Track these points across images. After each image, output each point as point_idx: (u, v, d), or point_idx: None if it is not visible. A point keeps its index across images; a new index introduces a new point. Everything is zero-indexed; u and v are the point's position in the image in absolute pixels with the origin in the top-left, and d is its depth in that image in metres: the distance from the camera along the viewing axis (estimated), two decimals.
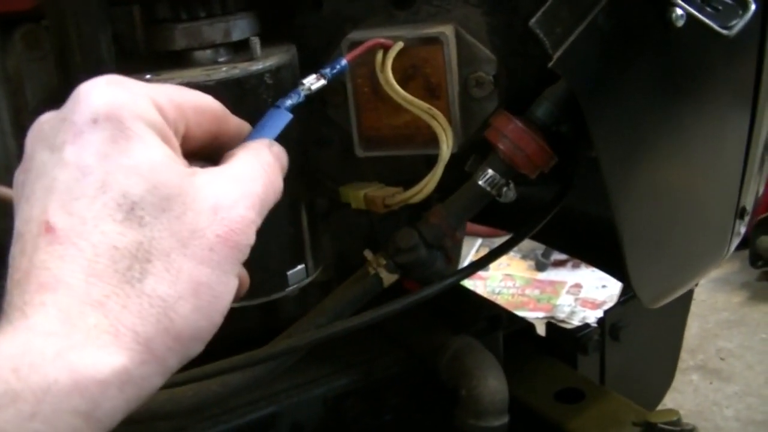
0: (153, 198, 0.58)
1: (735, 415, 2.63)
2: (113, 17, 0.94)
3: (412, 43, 0.95)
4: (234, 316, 1.03)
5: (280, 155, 0.72)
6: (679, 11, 0.88)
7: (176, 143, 0.64)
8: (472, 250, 3.87)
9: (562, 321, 3.25)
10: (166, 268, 0.57)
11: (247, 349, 0.96)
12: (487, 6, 0.98)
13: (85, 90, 0.61)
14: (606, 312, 1.43)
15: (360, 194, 1.02)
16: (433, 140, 0.95)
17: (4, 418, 0.49)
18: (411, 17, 1.00)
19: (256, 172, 0.67)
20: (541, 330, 1.41)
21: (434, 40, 0.94)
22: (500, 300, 3.42)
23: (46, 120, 0.62)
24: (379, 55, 0.94)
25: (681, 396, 2.65)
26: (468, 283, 1.10)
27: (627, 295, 1.45)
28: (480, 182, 0.97)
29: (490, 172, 0.96)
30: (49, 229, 0.56)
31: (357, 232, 1.25)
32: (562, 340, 1.41)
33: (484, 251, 3.90)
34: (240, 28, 0.97)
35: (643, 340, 1.52)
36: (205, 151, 0.69)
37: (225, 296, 0.61)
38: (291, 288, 1.02)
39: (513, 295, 3.62)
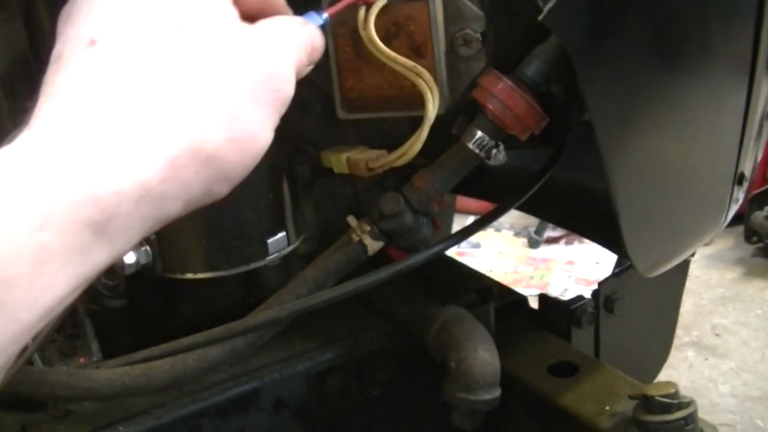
0: (203, 27, 0.59)
1: (731, 392, 2.60)
2: None
3: (395, 0, 0.90)
4: (215, 287, 1.00)
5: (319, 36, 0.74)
6: None
7: None
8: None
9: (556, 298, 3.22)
10: (205, 91, 0.57)
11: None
12: None
13: None
14: (600, 284, 1.39)
15: (342, 158, 0.97)
16: (419, 101, 0.91)
17: (11, 229, 0.46)
18: None
19: (295, 38, 0.68)
20: (534, 304, 1.37)
21: None
22: (493, 277, 3.36)
23: None
24: (361, 12, 0.90)
25: (676, 373, 2.61)
26: (462, 261, 1.06)
27: (621, 267, 1.41)
28: (468, 144, 0.92)
29: (479, 133, 0.92)
30: (92, 42, 0.56)
31: (341, 202, 1.20)
32: (556, 312, 1.37)
33: None
34: None
35: (638, 312, 1.49)
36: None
37: (260, 139, 0.61)
38: (271, 256, 0.98)
39: (506, 273, 3.58)
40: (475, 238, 3.82)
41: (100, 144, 0.51)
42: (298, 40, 0.68)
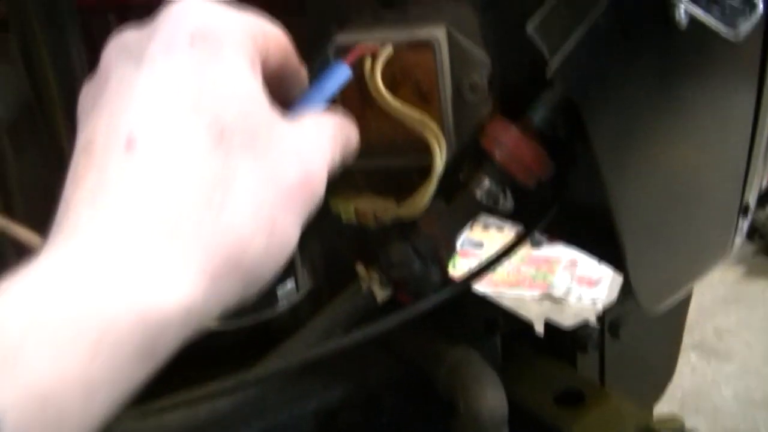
0: (243, 128, 0.56)
1: (734, 395, 2.61)
2: (89, 25, 0.90)
3: (401, 47, 0.90)
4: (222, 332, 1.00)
5: (354, 133, 0.74)
6: (683, 11, 0.83)
7: (261, 75, 0.62)
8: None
9: (559, 299, 3.21)
10: (246, 201, 0.55)
11: (232, 354, 0.93)
12: (480, 3, 0.93)
13: (180, 8, 0.59)
14: (605, 309, 1.39)
15: (350, 207, 0.97)
16: (425, 149, 0.91)
17: (64, 363, 0.44)
18: (400, 16, 0.95)
19: (331, 137, 0.67)
20: (538, 308, 1.37)
21: (425, 44, 0.89)
22: (495, 278, 3.38)
23: (130, 35, 0.60)
24: (368, 61, 0.89)
25: (679, 376, 2.62)
26: (463, 262, 1.06)
27: (626, 291, 1.41)
28: (476, 191, 0.92)
29: (486, 181, 0.92)
30: (130, 142, 0.53)
31: (346, 235, 1.20)
32: (561, 338, 1.37)
33: (477, 228, 3.87)
34: None
35: (643, 334, 1.49)
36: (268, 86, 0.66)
37: (292, 242, 0.60)
38: (281, 305, 0.98)
39: (508, 273, 3.58)
40: (477, 237, 3.82)
41: (144, 262, 0.49)
42: (338, 139, 0.68)
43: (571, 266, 3.51)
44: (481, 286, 1.23)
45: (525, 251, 3.77)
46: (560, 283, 3.40)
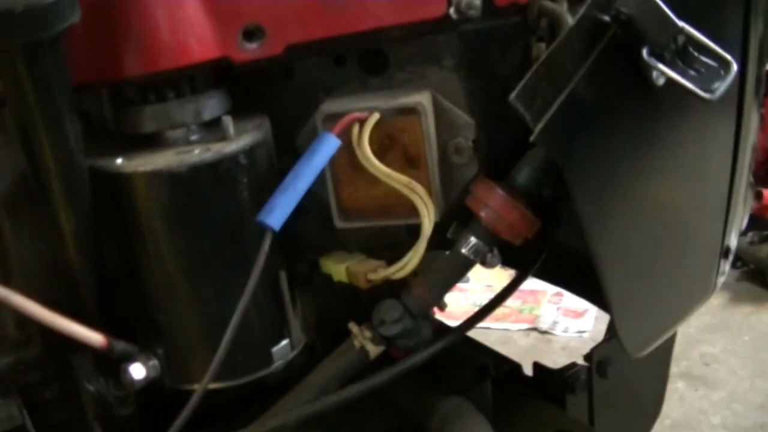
0: None
1: (722, 423, 2.63)
2: (81, 98, 0.92)
3: (388, 114, 0.93)
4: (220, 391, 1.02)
5: None
6: (659, 72, 0.87)
7: None
8: None
9: (545, 332, 3.23)
10: None
11: (230, 411, 0.95)
12: (463, 70, 0.96)
13: None
14: (593, 350, 1.42)
15: (341, 268, 1.00)
16: (413, 210, 0.94)
17: None
18: (385, 83, 0.98)
19: None
20: (525, 341, 1.40)
21: (411, 110, 0.93)
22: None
23: None
24: (356, 129, 0.93)
25: (667, 405, 2.63)
26: (450, 297, 1.08)
27: (612, 332, 1.44)
28: (463, 251, 0.95)
29: (473, 240, 0.95)
30: None
31: (338, 291, 1.23)
32: (550, 380, 1.40)
33: None
34: (211, 107, 0.95)
35: (630, 371, 1.51)
36: None
37: None
38: (276, 365, 1.00)
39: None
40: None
41: None
42: None
43: (557, 298, 3.54)
44: None
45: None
46: (546, 315, 3.42)
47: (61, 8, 0.80)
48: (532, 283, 3.68)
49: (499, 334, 3.06)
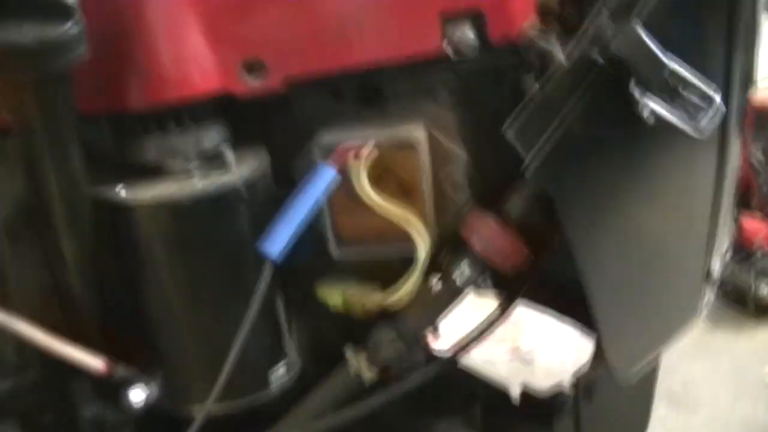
0: None
1: None
2: (82, 126, 0.94)
3: (384, 146, 0.96)
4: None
5: None
6: (647, 106, 0.89)
7: None
8: None
9: (528, 359, 3.25)
10: None
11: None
12: (457, 105, 0.99)
13: None
14: (578, 374, 1.44)
15: (337, 295, 1.03)
16: (408, 240, 0.96)
17: None
18: (381, 117, 1.00)
19: None
20: (508, 366, 1.42)
21: (406, 143, 0.95)
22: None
23: None
24: (353, 161, 0.95)
25: (649, 429, 2.66)
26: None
27: (598, 356, 1.46)
28: (455, 278, 0.98)
29: (466, 269, 0.98)
30: None
31: (330, 315, 1.25)
32: (537, 404, 1.42)
33: None
34: (211, 138, 0.97)
35: (616, 395, 1.54)
36: None
37: None
38: (273, 388, 1.02)
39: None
40: None
41: None
42: None
43: (539, 323, 3.54)
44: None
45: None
46: (528, 340, 3.44)
47: (71, 44, 0.83)
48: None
49: (482, 357, 3.08)
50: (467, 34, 0.94)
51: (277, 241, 0.93)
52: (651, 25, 0.88)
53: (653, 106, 0.88)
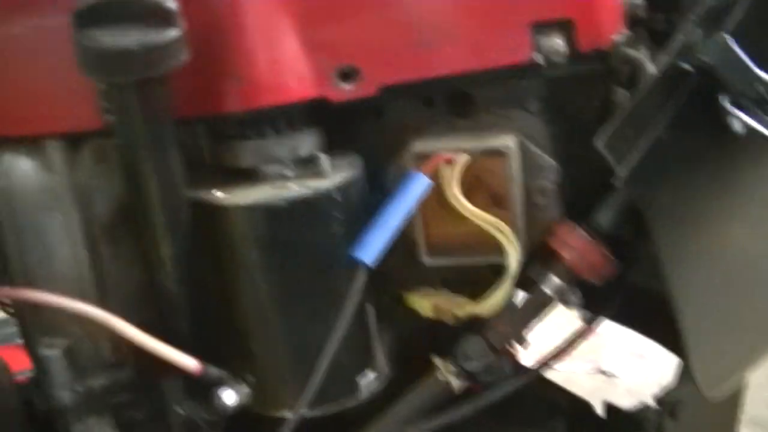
0: None
1: None
2: (180, 131, 0.96)
3: (475, 155, 0.97)
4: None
5: None
6: (739, 119, 0.89)
7: None
8: None
9: (610, 373, 3.22)
10: None
11: None
12: (547, 114, 1.00)
13: None
14: (664, 392, 1.42)
15: (428, 304, 1.04)
16: (498, 248, 0.97)
17: None
18: (472, 125, 1.01)
19: None
20: (590, 382, 1.41)
21: (498, 152, 0.96)
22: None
23: None
24: (445, 169, 0.96)
25: None
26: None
27: (685, 374, 1.45)
28: (545, 290, 0.98)
29: (555, 279, 0.98)
30: None
31: (417, 324, 1.26)
32: (621, 420, 1.41)
33: None
34: (306, 144, 0.99)
35: (702, 415, 1.52)
36: None
37: None
38: (362, 394, 1.03)
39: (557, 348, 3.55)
40: None
41: None
42: None
43: (622, 339, 3.51)
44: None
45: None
46: (611, 356, 3.41)
47: (173, 48, 0.85)
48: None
49: (562, 375, 3.05)
50: (557, 43, 0.95)
51: (371, 248, 0.94)
52: (742, 36, 0.87)
53: (743, 117, 0.87)
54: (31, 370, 1.12)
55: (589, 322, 1.10)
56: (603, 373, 3.24)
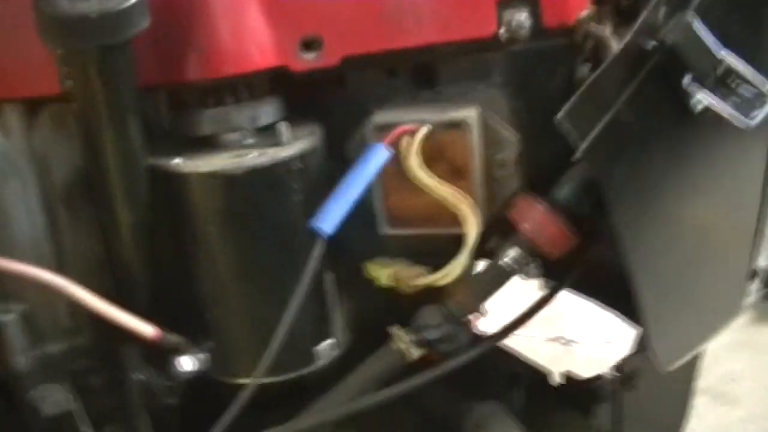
0: None
1: None
2: (140, 99, 0.96)
3: (437, 127, 0.97)
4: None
5: None
6: (700, 99, 0.90)
7: None
8: None
9: (569, 341, 3.25)
10: None
11: (269, 407, 1.01)
12: (510, 88, 1.00)
13: None
14: (622, 361, 1.44)
15: (386, 273, 1.04)
16: (458, 220, 0.97)
17: None
18: (434, 97, 1.01)
19: None
20: (549, 349, 1.42)
21: (459, 124, 0.96)
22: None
23: None
24: (405, 140, 0.96)
25: (689, 422, 2.65)
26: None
27: (642, 345, 1.46)
28: (504, 261, 0.99)
29: (513, 252, 0.99)
30: None
31: (377, 292, 1.26)
32: (579, 390, 1.42)
33: None
34: (267, 113, 0.99)
35: (657, 385, 1.54)
36: None
37: None
38: (319, 363, 1.04)
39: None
40: None
41: None
42: None
43: (580, 307, 3.53)
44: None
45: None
46: (570, 324, 3.43)
47: (133, 15, 0.85)
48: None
49: (523, 341, 3.08)
50: (522, 18, 0.95)
51: (330, 218, 0.94)
52: (709, 18, 0.88)
53: (704, 97, 0.88)
54: None
55: (549, 293, 1.11)
56: (562, 343, 3.27)
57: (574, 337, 3.29)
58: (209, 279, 1.00)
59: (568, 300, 1.27)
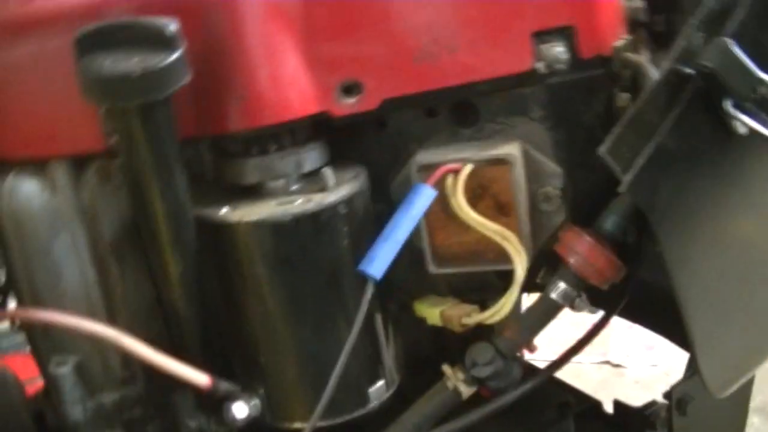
0: None
1: None
2: (184, 150, 0.97)
3: (479, 164, 0.97)
4: None
5: None
6: (742, 121, 0.89)
7: None
8: None
9: (618, 365, 3.23)
10: None
11: None
12: (550, 121, 1.00)
13: None
14: (673, 387, 1.43)
15: (435, 312, 1.04)
16: (504, 255, 0.97)
17: None
18: (475, 134, 1.02)
19: None
20: (598, 374, 1.41)
21: (502, 161, 0.96)
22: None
23: None
24: (450, 179, 0.97)
25: None
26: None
27: (692, 370, 1.45)
28: (553, 296, 0.99)
29: (562, 285, 0.98)
30: None
31: (424, 331, 1.26)
32: (630, 417, 1.41)
33: None
34: (311, 158, 1.00)
35: (710, 408, 1.52)
36: None
37: None
38: (372, 405, 1.04)
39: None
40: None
41: None
42: None
43: (628, 331, 3.51)
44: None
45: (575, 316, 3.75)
46: (618, 348, 3.41)
47: (174, 71, 0.86)
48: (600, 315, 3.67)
49: (571, 366, 3.05)
50: (558, 51, 0.95)
51: (378, 262, 0.95)
52: (744, 37, 0.87)
53: (746, 119, 0.88)
54: (40, 377, 1.13)
55: (599, 322, 1.11)
56: (610, 364, 3.25)
57: (621, 361, 3.26)
58: (260, 325, 1.00)
59: (612, 323, 1.27)
